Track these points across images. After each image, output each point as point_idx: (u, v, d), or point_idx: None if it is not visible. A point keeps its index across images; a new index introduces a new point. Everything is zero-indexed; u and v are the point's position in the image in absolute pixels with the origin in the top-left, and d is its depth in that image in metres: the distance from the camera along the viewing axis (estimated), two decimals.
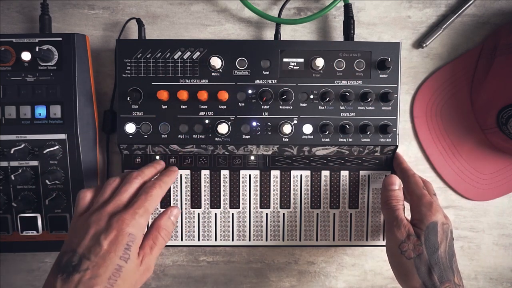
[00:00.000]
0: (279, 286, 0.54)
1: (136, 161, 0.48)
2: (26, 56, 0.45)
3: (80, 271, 0.32)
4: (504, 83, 0.46)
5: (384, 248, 0.44)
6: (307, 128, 0.46)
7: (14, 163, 0.46)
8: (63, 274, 0.32)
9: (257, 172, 0.49)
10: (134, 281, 0.34)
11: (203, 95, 0.45)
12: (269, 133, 0.47)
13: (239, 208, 0.49)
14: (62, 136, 0.46)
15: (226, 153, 0.48)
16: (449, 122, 0.51)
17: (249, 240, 0.50)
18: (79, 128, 0.46)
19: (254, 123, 0.46)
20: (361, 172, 0.49)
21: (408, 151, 0.53)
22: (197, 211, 0.49)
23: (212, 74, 0.46)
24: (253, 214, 0.49)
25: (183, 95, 0.45)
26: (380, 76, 0.46)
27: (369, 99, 0.46)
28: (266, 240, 0.50)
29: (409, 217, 0.43)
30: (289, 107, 0.46)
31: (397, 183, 0.45)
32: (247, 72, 0.46)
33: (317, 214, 0.49)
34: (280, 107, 0.46)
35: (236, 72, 0.46)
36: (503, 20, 0.51)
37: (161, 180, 0.41)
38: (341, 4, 0.49)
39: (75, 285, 0.31)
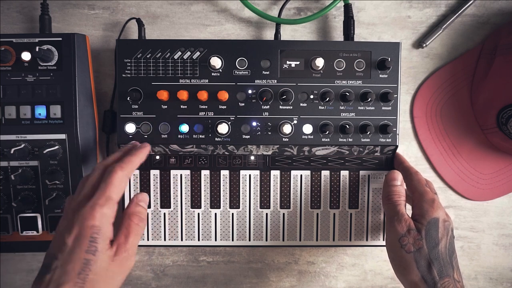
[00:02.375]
0: (279, 286, 0.54)
1: None
2: (26, 56, 0.45)
3: (50, 271, 0.32)
4: (504, 83, 0.46)
5: (384, 248, 0.44)
6: (307, 128, 0.46)
7: (14, 163, 0.46)
8: (36, 277, 0.32)
9: (257, 172, 0.49)
10: (112, 273, 0.33)
11: (203, 95, 0.45)
12: (269, 133, 0.47)
13: (239, 208, 0.49)
14: (62, 136, 0.46)
15: (226, 153, 0.48)
16: (449, 122, 0.51)
17: (249, 240, 0.50)
18: (79, 128, 0.46)
19: (254, 123, 0.46)
20: (361, 172, 0.49)
21: (408, 151, 0.53)
22: (197, 211, 0.49)
23: (212, 74, 0.46)
24: (253, 214, 0.49)
25: (183, 95, 0.45)
26: (380, 76, 0.46)
27: (369, 99, 0.46)
28: (266, 240, 0.50)
29: (409, 213, 0.43)
30: (289, 107, 0.46)
31: (399, 178, 0.45)
32: (247, 72, 0.46)
33: (317, 214, 0.49)
34: (280, 107, 0.46)
35: (236, 72, 0.46)
36: (503, 20, 0.51)
37: (123, 162, 0.37)
38: (341, 4, 0.49)
39: (46, 285, 0.31)
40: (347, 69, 0.46)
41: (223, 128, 0.46)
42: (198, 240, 0.49)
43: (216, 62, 0.45)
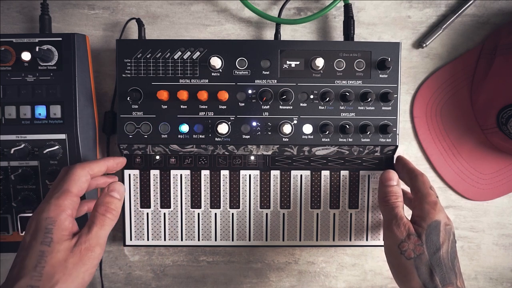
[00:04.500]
0: (279, 286, 0.54)
1: (136, 161, 0.48)
2: (26, 56, 0.45)
3: (11, 270, 0.31)
4: (504, 83, 0.46)
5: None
6: (307, 128, 0.46)
7: (14, 163, 0.46)
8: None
9: (257, 172, 0.49)
10: (72, 265, 0.31)
11: (203, 95, 0.45)
12: (269, 133, 0.47)
13: (239, 208, 0.49)
14: (62, 136, 0.46)
15: (226, 153, 0.48)
16: (449, 122, 0.51)
17: (249, 240, 0.50)
18: (79, 128, 0.46)
19: (254, 123, 0.46)
20: (361, 172, 0.49)
21: (408, 151, 0.53)
22: (197, 211, 0.49)
23: (212, 74, 0.46)
24: (253, 214, 0.49)
25: (183, 95, 0.45)
26: (380, 76, 0.46)
27: (369, 99, 0.46)
28: (266, 240, 0.50)
29: (408, 215, 0.43)
30: (289, 107, 0.46)
31: (395, 178, 0.44)
32: (247, 72, 0.46)
33: (317, 214, 0.49)
34: (280, 107, 0.46)
35: (236, 72, 0.46)
36: (503, 20, 0.51)
37: (84, 162, 0.38)
38: (341, 4, 0.49)
39: (7, 282, 0.31)
40: (347, 69, 0.46)
41: (223, 128, 0.46)
42: (198, 240, 0.49)
43: (216, 62, 0.45)
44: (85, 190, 0.37)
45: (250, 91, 0.46)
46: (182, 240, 0.49)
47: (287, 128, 0.46)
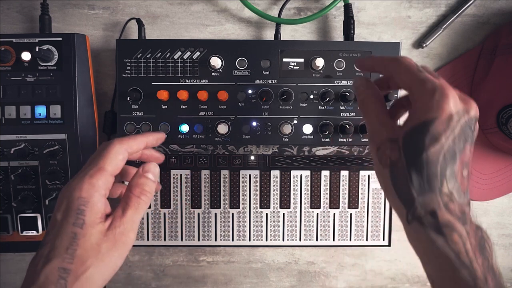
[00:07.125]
0: (279, 286, 0.54)
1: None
2: (26, 56, 0.45)
3: (42, 246, 0.30)
4: (504, 83, 0.46)
5: (384, 248, 0.44)
6: (307, 128, 0.46)
7: (14, 163, 0.46)
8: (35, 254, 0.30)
9: (257, 172, 0.49)
10: (105, 249, 0.30)
11: (203, 95, 0.45)
12: (269, 133, 0.47)
13: (239, 208, 0.49)
14: (62, 136, 0.46)
15: (226, 153, 0.48)
16: None
17: (249, 240, 0.50)
18: (79, 128, 0.46)
19: (254, 123, 0.46)
20: (361, 172, 0.49)
21: None
22: (197, 211, 0.49)
23: (212, 74, 0.46)
24: (253, 214, 0.49)
25: (183, 95, 0.45)
26: (381, 76, 0.46)
27: None
28: (266, 240, 0.50)
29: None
30: (289, 107, 0.46)
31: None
32: (247, 72, 0.46)
33: (317, 214, 0.49)
34: (280, 107, 0.46)
35: (236, 72, 0.46)
36: (503, 20, 0.51)
37: (123, 137, 0.36)
38: (341, 4, 0.49)
39: (38, 260, 0.29)
40: (347, 69, 0.46)
41: (223, 128, 0.46)
42: (198, 240, 0.49)
43: (216, 62, 0.45)
44: (120, 169, 0.34)
45: (250, 91, 0.46)
46: (182, 240, 0.49)
47: (287, 128, 0.46)
